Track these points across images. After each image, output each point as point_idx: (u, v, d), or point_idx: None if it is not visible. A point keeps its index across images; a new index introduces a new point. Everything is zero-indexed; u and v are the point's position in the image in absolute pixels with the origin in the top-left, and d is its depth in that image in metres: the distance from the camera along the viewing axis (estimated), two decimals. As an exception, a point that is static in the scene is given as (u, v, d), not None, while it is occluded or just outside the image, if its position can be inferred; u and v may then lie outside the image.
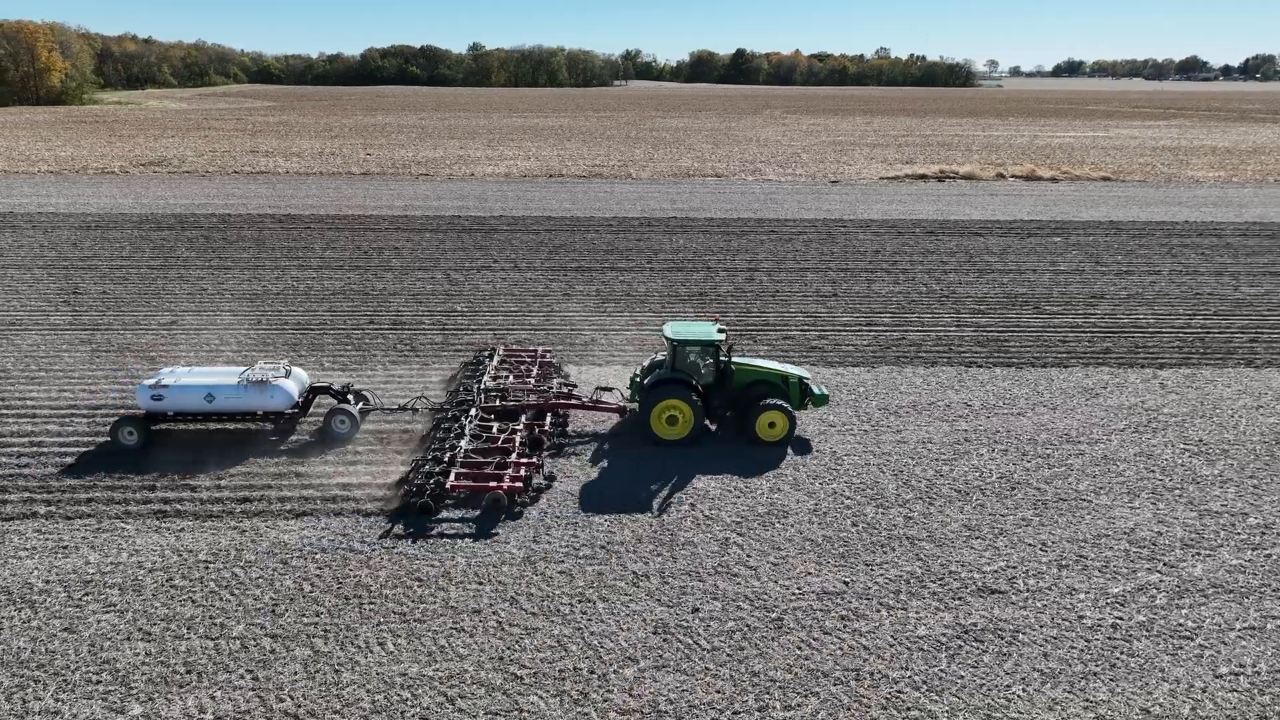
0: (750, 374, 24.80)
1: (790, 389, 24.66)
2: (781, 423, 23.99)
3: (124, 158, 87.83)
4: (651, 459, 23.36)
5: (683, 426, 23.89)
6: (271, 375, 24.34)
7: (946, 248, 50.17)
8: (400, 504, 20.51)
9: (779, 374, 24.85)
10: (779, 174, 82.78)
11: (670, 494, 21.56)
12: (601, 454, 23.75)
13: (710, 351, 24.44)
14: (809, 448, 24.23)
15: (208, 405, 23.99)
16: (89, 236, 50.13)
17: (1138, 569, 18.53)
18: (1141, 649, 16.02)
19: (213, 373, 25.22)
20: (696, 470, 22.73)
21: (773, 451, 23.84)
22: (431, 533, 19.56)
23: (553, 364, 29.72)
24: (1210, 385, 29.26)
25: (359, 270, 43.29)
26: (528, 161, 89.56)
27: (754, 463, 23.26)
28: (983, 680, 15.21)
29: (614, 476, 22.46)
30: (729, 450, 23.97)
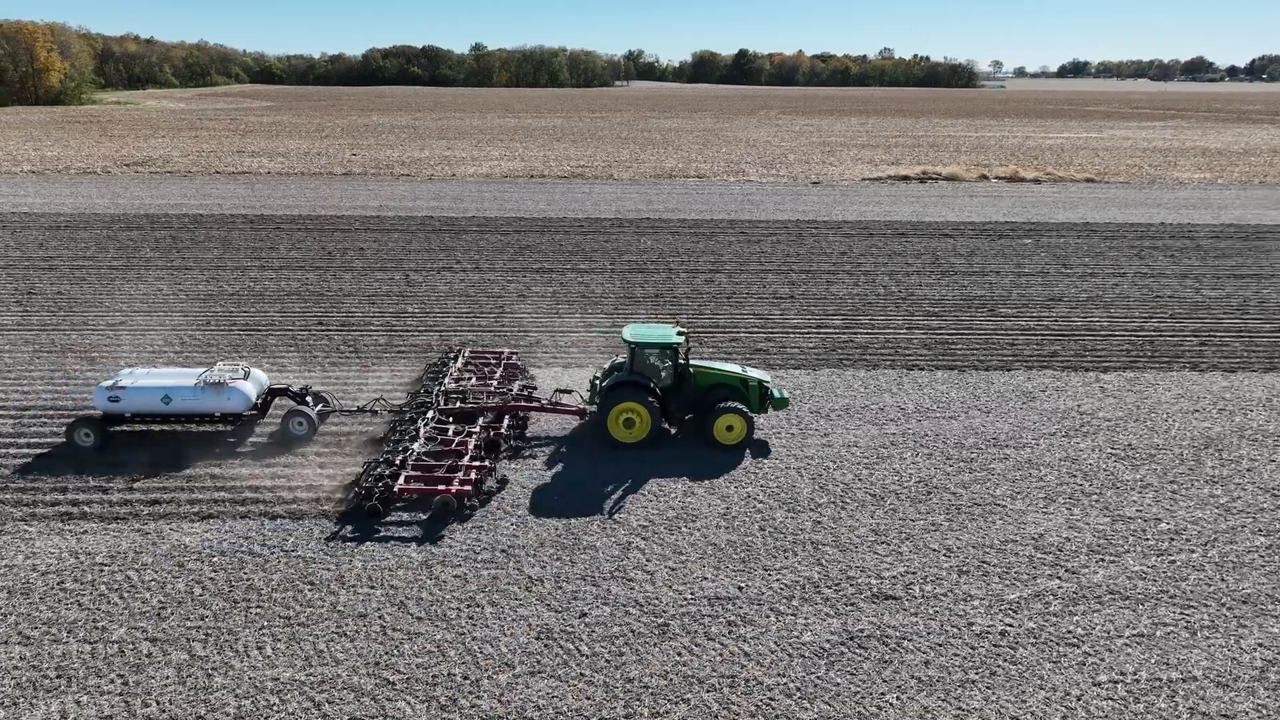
0: (710, 377, 24.75)
1: (750, 392, 24.56)
2: (739, 426, 23.85)
3: (109, 158, 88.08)
4: (608, 462, 23.34)
5: (640, 429, 23.85)
6: (229, 377, 24.30)
7: (914, 249, 49.97)
8: (349, 506, 20.52)
9: (738, 377, 24.75)
10: (762, 175, 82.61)
11: (622, 497, 21.48)
12: (558, 457, 23.73)
13: (668, 354, 24.36)
14: (767, 449, 24.17)
15: (165, 407, 23.96)
16: (56, 236, 50.24)
17: (1038, 575, 18.39)
18: (1025, 656, 15.90)
19: (171, 374, 25.09)
20: (652, 474, 22.63)
21: (731, 455, 23.74)
22: (377, 535, 19.52)
23: (517, 366, 29.66)
24: (1150, 389, 29.06)
25: (319, 271, 43.30)
26: (512, 162, 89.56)
27: (710, 466, 23.17)
28: (858, 688, 15.10)
29: (567, 479, 22.42)
30: (687, 453, 23.91)
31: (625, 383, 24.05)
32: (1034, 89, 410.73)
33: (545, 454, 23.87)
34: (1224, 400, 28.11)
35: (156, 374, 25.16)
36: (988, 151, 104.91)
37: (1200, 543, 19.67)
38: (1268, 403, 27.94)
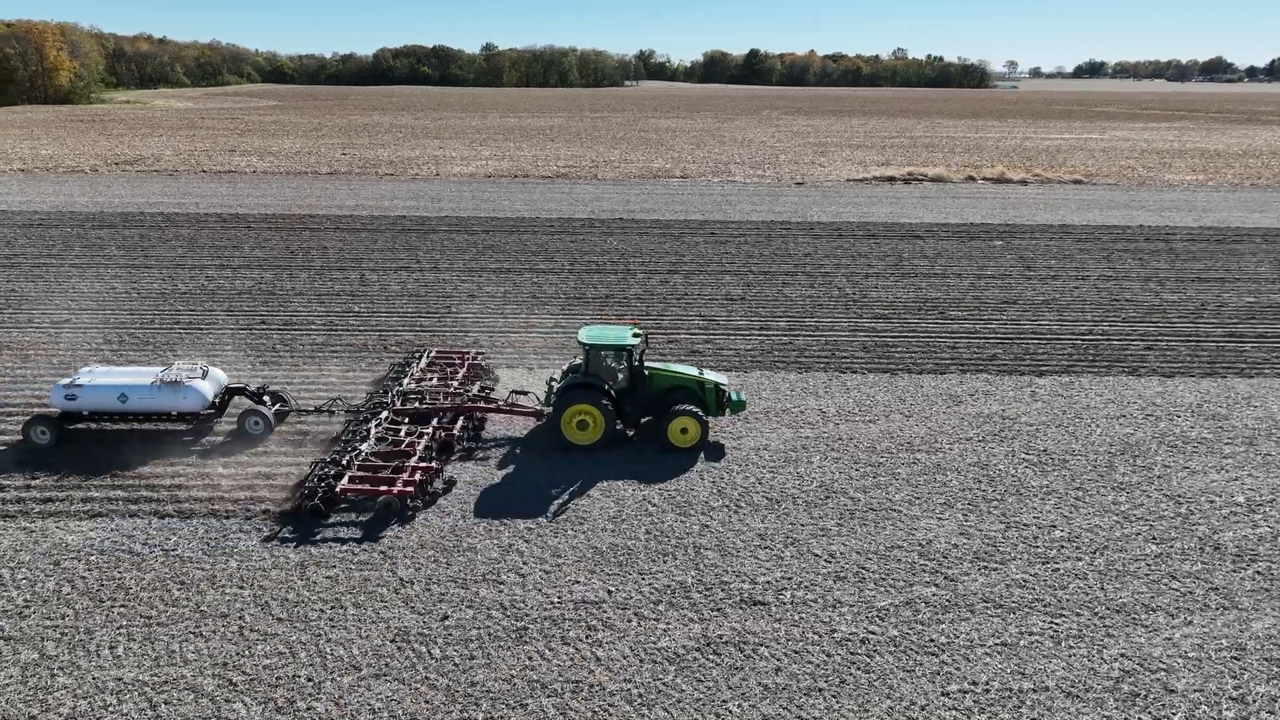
0: (666, 379, 24.68)
1: (706, 395, 24.44)
2: (694, 429, 23.76)
3: (101, 156, 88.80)
4: (559, 464, 23.27)
5: (594, 431, 23.78)
6: (185, 376, 24.36)
7: (880, 251, 49.64)
8: (292, 506, 20.56)
9: (695, 380, 24.62)
10: (747, 175, 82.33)
11: (567, 499, 21.42)
12: (511, 458, 23.67)
13: (623, 356, 24.27)
14: (721, 451, 24.09)
15: (121, 405, 24.08)
16: (26, 234, 50.68)
17: (915, 582, 18.18)
18: (879, 664, 15.72)
19: (129, 373, 25.22)
20: (602, 476, 22.56)
21: (685, 457, 23.67)
22: (315, 536, 19.49)
23: (482, 367, 29.61)
24: (1082, 394, 28.71)
25: (277, 270, 43.45)
26: (501, 162, 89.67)
27: (661, 468, 23.04)
28: (702, 695, 14.97)
29: (515, 481, 22.37)
30: (643, 455, 23.82)
31: (579, 384, 24.00)
32: (1047, 89, 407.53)
33: (498, 456, 23.84)
34: (1153, 406, 27.73)
35: (114, 372, 25.24)
36: (983, 152, 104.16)
37: (1089, 550, 19.40)
38: (1197, 408, 27.54)
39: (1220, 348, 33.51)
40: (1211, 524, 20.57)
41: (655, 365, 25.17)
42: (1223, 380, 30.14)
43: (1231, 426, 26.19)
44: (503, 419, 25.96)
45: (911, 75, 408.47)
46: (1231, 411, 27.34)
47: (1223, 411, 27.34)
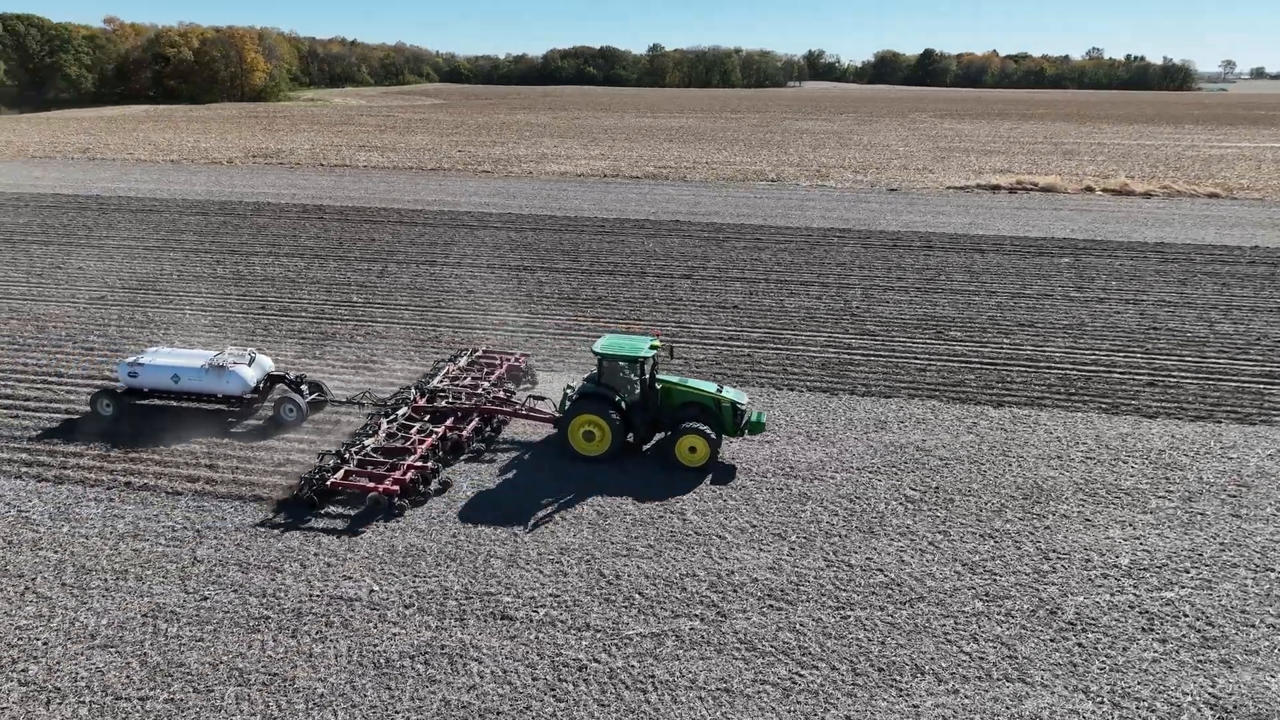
0: (682, 395, 23.75)
1: (723, 413, 23.34)
2: (702, 448, 22.74)
3: (244, 150, 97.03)
4: (560, 474, 22.84)
5: (600, 443, 23.18)
6: (231, 361, 25.70)
7: (924, 264, 46.76)
8: (290, 494, 21.33)
9: (710, 397, 23.50)
10: (844, 180, 79.50)
11: (533, 510, 21.03)
12: (516, 464, 23.51)
13: (636, 368, 23.43)
14: (731, 473, 23.05)
15: (174, 385, 25.70)
16: (135, 218, 56.24)
17: (683, 614, 17.23)
18: (578, 695, 15.06)
19: (186, 355, 26.67)
20: (593, 489, 21.99)
21: (690, 476, 22.71)
22: (304, 523, 20.21)
23: (522, 369, 29.24)
24: (1030, 429, 26.03)
25: (315, 259, 46.07)
26: (601, 161, 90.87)
27: (661, 485, 22.28)
28: (379, 704, 14.84)
29: (511, 487, 22.21)
30: (647, 470, 23.03)
31: (589, 394, 23.43)
32: (1262, 92, 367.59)
33: (505, 460, 23.69)
34: (1103, 448, 24.78)
35: (174, 354, 26.80)
36: (1129, 160, 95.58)
37: (900, 601, 17.69)
38: (1154, 454, 24.38)
39: (1241, 389, 29.43)
40: (1066, 586, 18.24)
41: (671, 379, 24.12)
42: (1213, 426, 26.49)
43: (1181, 479, 23.03)
44: (529, 422, 25.53)
45: (1102, 77, 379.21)
46: (1195, 462, 24.02)
47: (1184, 461, 24.07)
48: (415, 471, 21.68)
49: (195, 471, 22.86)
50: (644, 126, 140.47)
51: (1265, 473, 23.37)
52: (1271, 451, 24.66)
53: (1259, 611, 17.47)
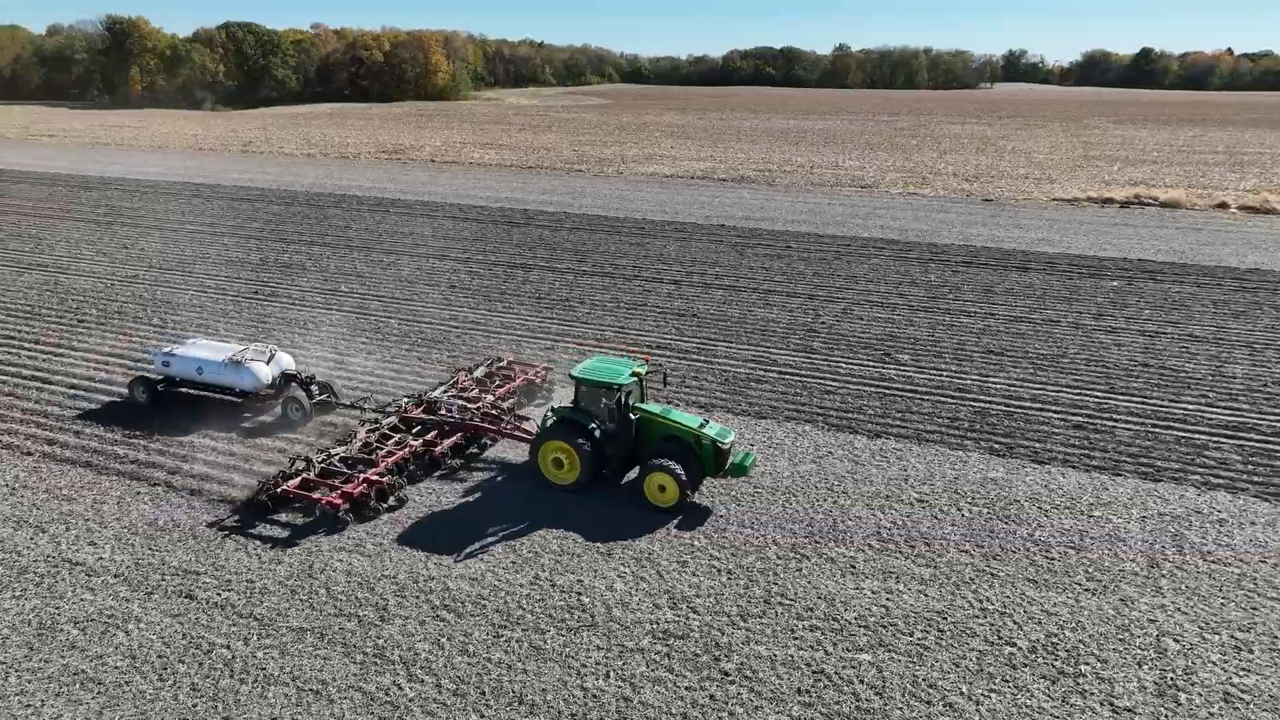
0: (663, 428, 21.92)
1: (703, 451, 21.33)
2: (671, 488, 20.81)
3: (377, 145, 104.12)
4: (521, 502, 21.74)
5: (569, 471, 21.88)
6: (248, 357, 26.42)
7: (938, 280, 43.67)
8: (248, 497, 21.46)
9: (690, 432, 21.51)
10: (947, 187, 75.03)
11: (473, 538, 20.15)
12: (484, 487, 22.65)
13: (612, 395, 21.81)
14: (704, 516, 21.06)
15: (198, 377, 26.57)
16: (249, 207, 62.12)
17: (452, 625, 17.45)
18: (277, 695, 15.37)
19: (215, 348, 27.37)
20: (547, 523, 20.72)
21: (662, 517, 20.91)
22: (250, 528, 20.36)
23: (537, 383, 28.35)
24: (869, 458, 24.02)
25: (340, 249, 49.15)
26: (700, 163, 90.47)
27: (621, 524, 20.65)
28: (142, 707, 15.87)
29: (462, 512, 21.35)
30: (619, 506, 21.48)
31: (563, 419, 22.18)
32: None
33: (476, 481, 22.91)
34: (922, 484, 22.50)
35: (205, 346, 27.68)
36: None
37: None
38: (989, 500, 21.84)
39: (1184, 441, 25.72)
40: (843, 619, 16.92)
41: (651, 410, 22.31)
42: (1108, 478, 23.39)
43: (1103, 535, 20.60)
44: (517, 442, 24.31)
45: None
46: (1130, 513, 21.36)
47: (1014, 511, 21.46)
48: (367, 485, 21.18)
49: (181, 464, 23.51)
50: (782, 129, 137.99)
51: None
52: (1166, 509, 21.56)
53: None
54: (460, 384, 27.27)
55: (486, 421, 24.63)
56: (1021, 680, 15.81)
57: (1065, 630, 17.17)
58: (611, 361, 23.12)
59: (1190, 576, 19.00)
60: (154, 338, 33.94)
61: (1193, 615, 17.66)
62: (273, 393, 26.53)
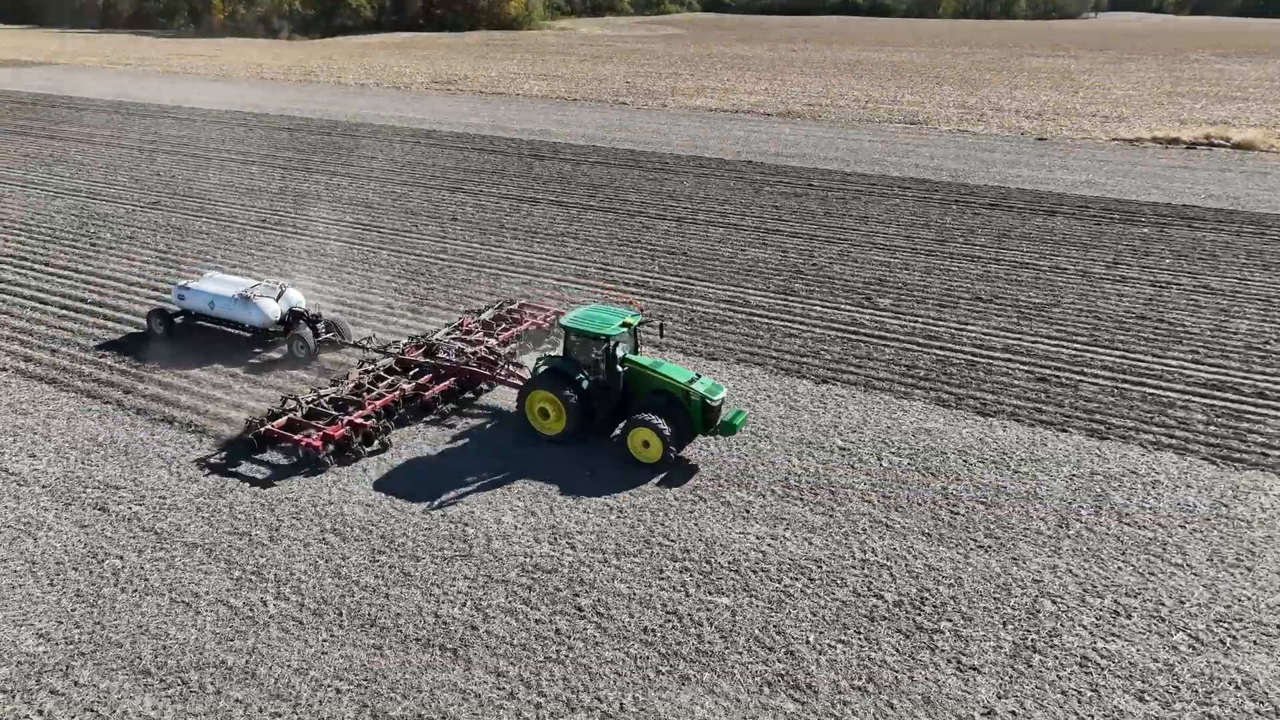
0: (652, 381, 21.24)
1: (691, 407, 20.66)
2: (655, 444, 20.27)
3: (429, 75, 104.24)
4: (506, 451, 21.44)
5: (555, 423, 21.51)
6: (257, 294, 26.50)
7: (954, 223, 41.96)
8: (237, 435, 21.54)
9: (680, 387, 20.78)
10: (1002, 124, 71.46)
11: (449, 486, 19.94)
12: (473, 433, 22.43)
13: (599, 346, 21.30)
14: (690, 474, 20.44)
15: (210, 311, 26.93)
16: (287, 136, 63.50)
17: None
18: (150, 605, 16.57)
19: (228, 282, 27.51)
20: (527, 474, 20.40)
21: (645, 471, 20.47)
22: (234, 466, 20.55)
23: (545, 328, 27.72)
24: (803, 402, 23.58)
25: (360, 179, 49.86)
26: (752, 96, 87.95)
27: (604, 478, 20.24)
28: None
29: (443, 459, 21.12)
30: (608, 458, 21.03)
31: (550, 369, 21.75)
32: None
33: (466, 427, 22.71)
34: (826, 432, 22.00)
35: (220, 280, 27.85)
36: None
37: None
38: (900, 450, 21.26)
39: (1124, 400, 24.48)
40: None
41: (641, 362, 21.59)
42: (1045, 433, 22.50)
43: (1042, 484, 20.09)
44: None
45: None
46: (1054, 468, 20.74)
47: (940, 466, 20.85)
48: (350, 428, 20.95)
49: (182, 398, 23.88)
50: (850, 61, 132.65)
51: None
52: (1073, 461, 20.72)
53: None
54: (465, 326, 26.75)
55: (482, 366, 24.04)
56: (875, 634, 15.62)
57: (940, 586, 16.81)
58: (604, 311, 22.18)
59: (1096, 538, 18.30)
60: (154, 263, 35.33)
61: (1081, 578, 17.06)
62: (281, 330, 26.53)
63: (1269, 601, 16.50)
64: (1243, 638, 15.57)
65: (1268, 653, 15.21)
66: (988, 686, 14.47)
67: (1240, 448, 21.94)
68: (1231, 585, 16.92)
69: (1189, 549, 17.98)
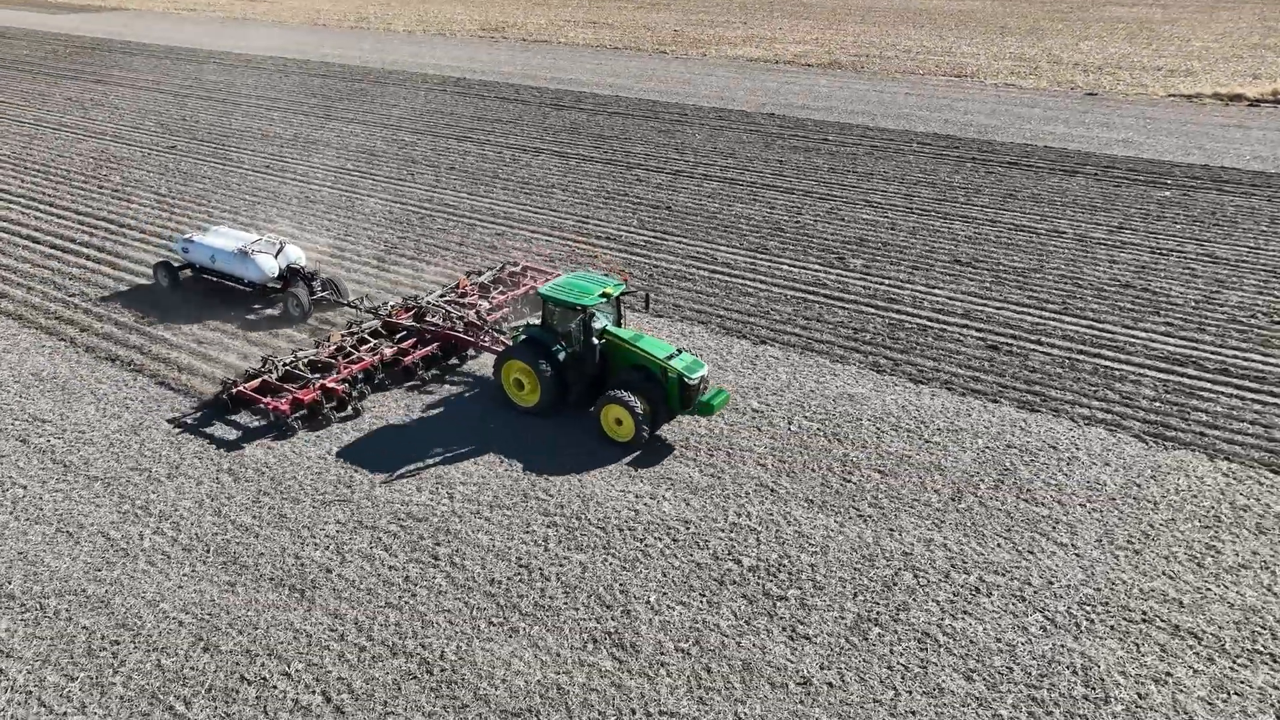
0: (628, 355, 20.30)
1: (668, 385, 19.63)
2: (627, 422, 19.33)
3: (475, 22, 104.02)
4: (478, 422, 20.92)
5: (530, 394, 20.85)
6: (256, 249, 26.44)
7: (963, 181, 40.32)
8: (213, 395, 21.49)
9: (658, 363, 19.71)
10: (1056, 78, 67.99)
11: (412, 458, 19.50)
12: (449, 402, 21.90)
13: (575, 317, 20.46)
14: (667, 449, 19.73)
15: (211, 264, 27.01)
16: (320, 83, 64.47)
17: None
18: (36, 533, 17.65)
19: (231, 236, 27.59)
20: (492, 447, 19.84)
21: (617, 450, 19.64)
22: (206, 425, 20.57)
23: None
24: (766, 368, 23.20)
25: (374, 127, 50.34)
26: (797, 46, 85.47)
27: (572, 455, 19.49)
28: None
29: (412, 428, 20.69)
30: (581, 433, 20.32)
31: (528, 339, 21.01)
32: None
33: (443, 395, 22.18)
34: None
35: (222, 234, 27.91)
36: None
37: (323, 498, 17.88)
38: (789, 408, 20.79)
39: (1063, 371, 23.38)
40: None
41: (621, 335, 20.56)
42: (986, 403, 21.71)
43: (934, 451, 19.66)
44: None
45: None
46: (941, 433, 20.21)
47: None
48: (320, 392, 20.67)
49: (170, 354, 23.96)
50: (920, 9, 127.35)
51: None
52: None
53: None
54: (462, 287, 25.88)
55: (468, 332, 23.22)
56: (718, 598, 15.52)
57: (803, 554, 16.55)
58: (585, 280, 21.06)
59: (987, 513, 17.72)
60: (150, 206, 36.48)
61: (954, 552, 16.58)
62: (279, 286, 26.38)
63: (1145, 586, 15.79)
64: (1100, 622, 14.97)
65: (1120, 639, 14.60)
66: (814, 656, 14.27)
67: (1179, 426, 20.85)
68: (1110, 568, 16.23)
69: (1081, 529, 17.27)
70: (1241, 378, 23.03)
